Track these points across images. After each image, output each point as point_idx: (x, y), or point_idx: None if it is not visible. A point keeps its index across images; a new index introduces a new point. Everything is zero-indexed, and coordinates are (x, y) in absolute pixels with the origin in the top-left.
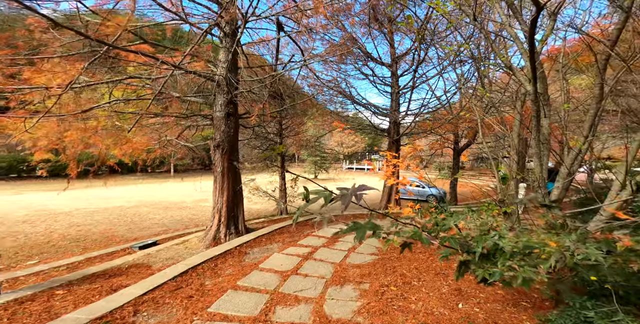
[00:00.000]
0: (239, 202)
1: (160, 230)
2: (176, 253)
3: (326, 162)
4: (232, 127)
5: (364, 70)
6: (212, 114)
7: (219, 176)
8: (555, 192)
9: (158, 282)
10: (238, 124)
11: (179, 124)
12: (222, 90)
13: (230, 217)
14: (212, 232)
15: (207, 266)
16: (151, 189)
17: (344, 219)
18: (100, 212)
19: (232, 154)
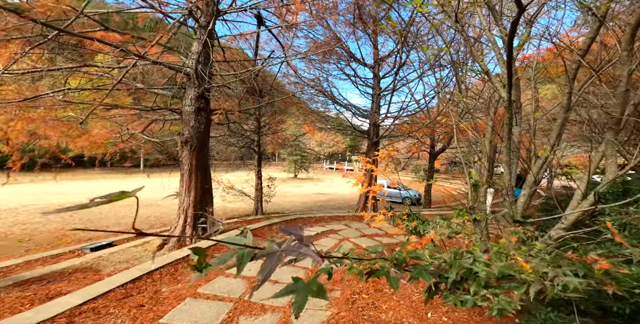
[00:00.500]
0: (209, 201)
1: (121, 229)
2: (133, 255)
3: (306, 162)
4: (202, 123)
5: (346, 71)
6: (181, 109)
7: (186, 173)
8: (522, 200)
9: (103, 289)
10: (210, 120)
11: (144, 118)
12: (192, 83)
13: (198, 217)
14: (177, 233)
15: (167, 271)
16: (117, 184)
17: (320, 221)
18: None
19: (201, 151)
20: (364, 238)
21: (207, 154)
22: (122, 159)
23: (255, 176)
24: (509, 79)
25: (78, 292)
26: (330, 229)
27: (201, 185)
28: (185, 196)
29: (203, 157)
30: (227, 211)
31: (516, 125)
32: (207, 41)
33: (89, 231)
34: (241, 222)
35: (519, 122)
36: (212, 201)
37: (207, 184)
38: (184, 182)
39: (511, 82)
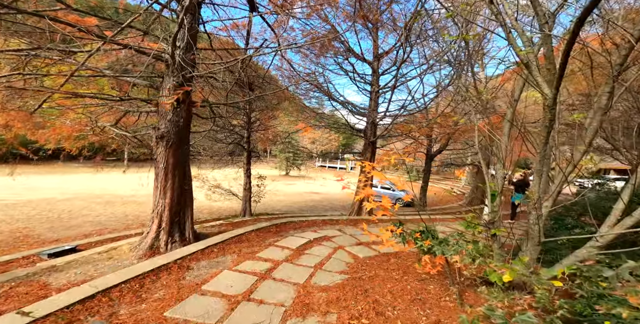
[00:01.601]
0: (188, 204)
1: (93, 230)
2: (94, 265)
3: (298, 159)
4: (182, 117)
5: (344, 66)
6: (157, 100)
7: (161, 172)
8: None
9: (40, 313)
10: (191, 113)
11: (116, 109)
12: (171, 72)
13: (175, 222)
14: (149, 239)
15: (129, 287)
16: (96, 179)
17: (312, 225)
18: (20, 206)
19: (180, 147)
20: (360, 247)
21: (187, 151)
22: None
23: (244, 175)
24: (560, 72)
25: (4, 317)
26: (324, 235)
27: (179, 185)
28: (160, 197)
29: (182, 155)
30: (213, 211)
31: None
32: (191, 25)
33: (56, 232)
34: (226, 225)
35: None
36: (191, 204)
37: (187, 184)
38: (159, 182)
39: (562, 77)
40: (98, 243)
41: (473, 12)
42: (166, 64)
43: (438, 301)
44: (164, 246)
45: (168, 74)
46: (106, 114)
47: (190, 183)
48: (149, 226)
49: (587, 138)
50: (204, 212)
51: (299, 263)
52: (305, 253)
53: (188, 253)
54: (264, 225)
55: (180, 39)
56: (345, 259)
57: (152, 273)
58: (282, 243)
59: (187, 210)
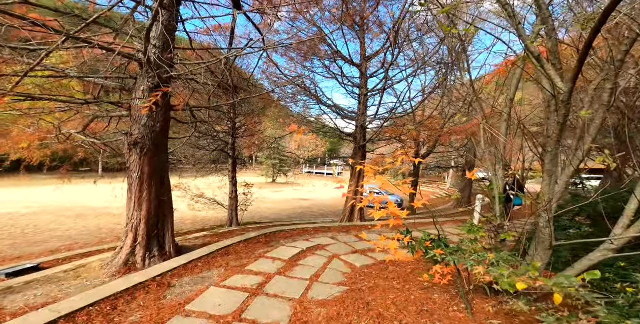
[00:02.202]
0: (167, 216)
1: (62, 246)
2: (58, 285)
3: (285, 166)
4: (159, 121)
5: (332, 69)
6: (130, 103)
7: (135, 183)
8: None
9: None
10: (169, 118)
11: (83, 114)
12: (145, 72)
13: (153, 235)
14: (124, 255)
15: (99, 311)
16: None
17: (304, 233)
18: None
19: (157, 154)
20: (356, 255)
21: (166, 159)
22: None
23: (229, 183)
24: (578, 65)
25: None
26: (318, 244)
27: (156, 196)
28: (134, 210)
29: (159, 163)
30: (197, 221)
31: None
32: (169, 22)
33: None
34: (212, 237)
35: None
36: (171, 216)
37: (165, 194)
38: (133, 193)
39: (580, 70)
40: (66, 259)
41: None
42: (140, 64)
43: (446, 311)
44: (141, 261)
45: (142, 75)
46: (72, 120)
47: (169, 193)
48: (123, 241)
49: (591, 136)
50: (187, 223)
51: (293, 275)
52: (299, 263)
53: (169, 268)
54: (253, 235)
55: (156, 37)
56: (342, 269)
57: (126, 292)
58: (273, 253)
59: (167, 222)
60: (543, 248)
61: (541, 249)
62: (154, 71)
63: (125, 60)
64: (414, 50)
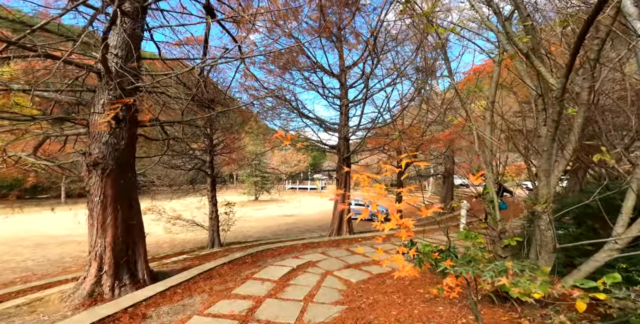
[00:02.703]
0: (137, 241)
1: (17, 278)
2: (8, 323)
3: (268, 183)
4: (123, 138)
5: (312, 80)
6: (88, 119)
7: (97, 207)
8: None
9: None
10: (135, 135)
11: (32, 134)
12: (106, 84)
13: (122, 263)
14: (88, 285)
15: None
16: (20, 220)
17: (292, 250)
18: None
19: (122, 176)
20: (350, 270)
21: (133, 180)
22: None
23: (209, 203)
24: (572, 58)
25: None
26: (308, 261)
27: (123, 220)
28: (97, 236)
29: (125, 185)
30: (176, 244)
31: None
32: (134, 31)
33: None
34: (192, 260)
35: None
36: (143, 241)
37: (134, 218)
38: (95, 219)
39: (572, 64)
40: (20, 292)
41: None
42: (99, 75)
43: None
44: (110, 291)
45: (101, 87)
46: (22, 140)
47: (138, 217)
48: (86, 270)
49: (575, 135)
50: (164, 247)
51: (285, 296)
52: (290, 283)
53: (143, 297)
54: (238, 256)
55: (118, 46)
56: (337, 286)
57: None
58: (261, 274)
59: (138, 248)
60: (547, 251)
61: (545, 252)
62: (114, 82)
63: (83, 72)
64: (392, 59)
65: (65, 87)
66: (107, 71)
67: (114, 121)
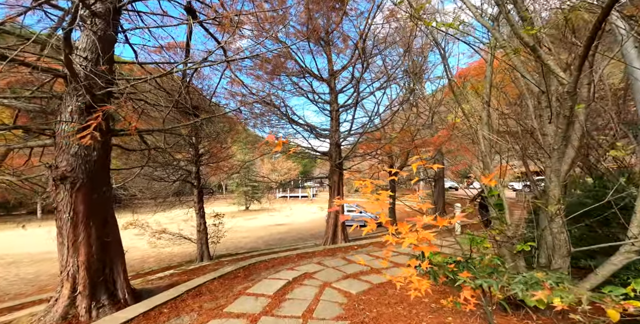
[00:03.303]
0: (115, 259)
1: None
2: None
3: (258, 192)
4: (95, 149)
5: (301, 85)
6: (55, 128)
7: (66, 225)
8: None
9: None
10: (109, 145)
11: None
12: (74, 90)
13: (99, 282)
14: (60, 308)
15: None
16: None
17: (287, 261)
18: None
19: (94, 190)
20: (349, 280)
21: (108, 195)
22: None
23: (196, 215)
24: (585, 51)
25: None
26: (304, 272)
27: (98, 237)
28: (69, 256)
29: (99, 199)
30: (162, 258)
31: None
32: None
33: None
34: (180, 275)
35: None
36: (122, 258)
37: (110, 235)
38: (65, 237)
39: (587, 56)
40: None
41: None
42: (65, 80)
43: None
44: (86, 313)
45: (69, 93)
46: None
47: (115, 233)
48: (58, 291)
49: (578, 132)
50: (150, 261)
51: (283, 313)
52: (287, 298)
53: (124, 319)
54: (229, 269)
55: (87, 48)
56: (337, 299)
57: None
58: (255, 289)
59: (116, 266)
60: (560, 255)
61: (558, 257)
62: (81, 85)
63: (50, 78)
64: (381, 62)
65: (29, 93)
66: (72, 74)
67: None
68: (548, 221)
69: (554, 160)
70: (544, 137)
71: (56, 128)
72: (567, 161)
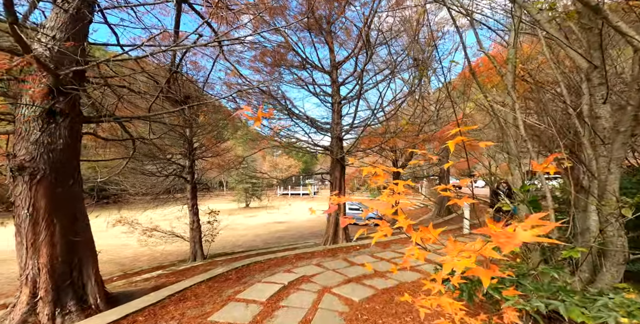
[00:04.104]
0: (86, 260)
1: None
2: None
3: (258, 189)
4: (61, 137)
5: (301, 77)
6: (15, 113)
7: (25, 222)
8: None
9: None
10: (79, 133)
11: None
12: (39, 71)
13: (65, 286)
14: (18, 315)
15: None
16: None
17: (284, 262)
18: None
19: (58, 183)
20: (351, 285)
21: (78, 189)
22: None
23: (189, 212)
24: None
25: None
26: (302, 275)
27: (63, 236)
28: (28, 257)
29: (66, 194)
30: (157, 257)
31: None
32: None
33: None
34: (168, 276)
35: None
36: (94, 259)
37: (80, 234)
38: (23, 236)
39: None
40: None
41: None
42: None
43: None
44: (49, 321)
45: (30, 73)
46: None
47: (86, 232)
48: (17, 297)
49: (626, 120)
50: (142, 260)
51: (275, 322)
52: (281, 305)
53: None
54: (220, 271)
55: (56, 27)
56: (338, 307)
57: None
58: (246, 294)
59: (86, 268)
60: (614, 262)
61: (611, 264)
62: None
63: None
64: (388, 47)
65: None
66: (25, 50)
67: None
68: (601, 222)
69: (616, 146)
70: (597, 121)
71: (16, 112)
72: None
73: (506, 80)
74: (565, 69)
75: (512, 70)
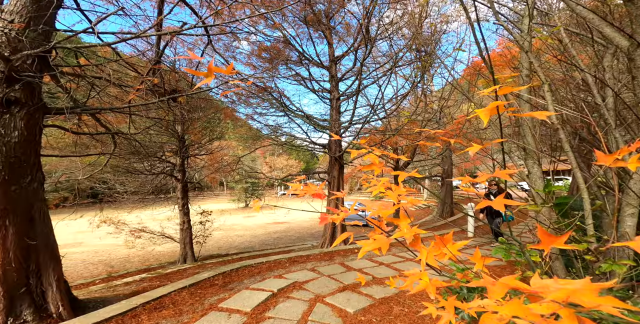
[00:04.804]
0: (46, 264)
1: None
2: None
3: (258, 189)
4: (16, 128)
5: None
6: None
7: None
8: None
9: None
10: (39, 125)
11: None
12: None
13: (20, 293)
14: None
15: None
16: None
17: (276, 267)
18: None
19: (12, 180)
20: (346, 294)
21: (36, 187)
22: None
23: (179, 212)
24: None
25: None
26: (294, 281)
27: (19, 239)
28: None
29: (22, 193)
30: (149, 258)
31: None
32: None
33: None
34: (151, 280)
35: None
36: (56, 263)
37: (39, 237)
38: None
39: None
40: None
41: None
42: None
43: None
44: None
45: None
46: None
47: (46, 234)
48: None
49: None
50: (134, 261)
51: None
52: (267, 316)
53: None
54: (206, 276)
55: (15, 11)
56: (330, 319)
57: None
58: (230, 302)
59: (47, 274)
60: None
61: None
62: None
63: None
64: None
65: None
66: None
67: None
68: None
69: None
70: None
71: None
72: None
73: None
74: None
75: (527, 59)
